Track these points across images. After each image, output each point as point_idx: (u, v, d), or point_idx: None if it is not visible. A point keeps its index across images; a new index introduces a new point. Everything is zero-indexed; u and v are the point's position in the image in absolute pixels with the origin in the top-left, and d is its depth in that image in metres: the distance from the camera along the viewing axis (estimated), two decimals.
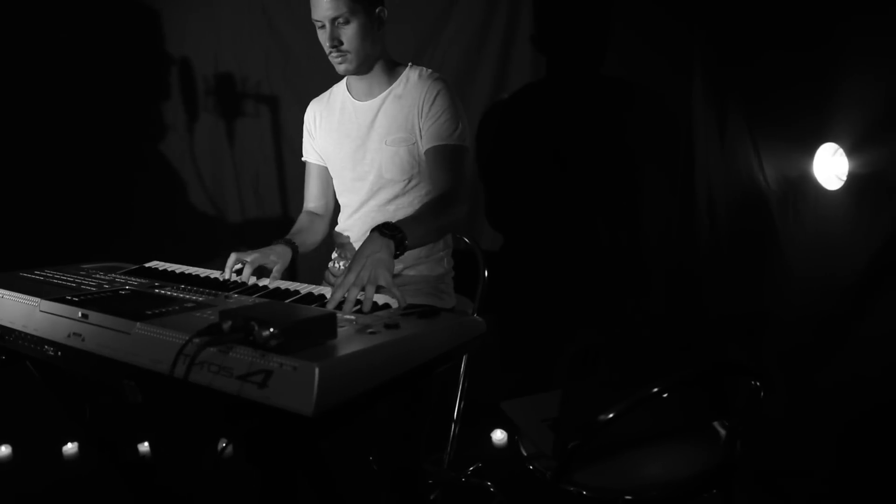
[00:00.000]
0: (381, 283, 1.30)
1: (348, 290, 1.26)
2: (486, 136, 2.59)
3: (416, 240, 1.48)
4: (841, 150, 2.17)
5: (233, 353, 0.96)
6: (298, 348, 0.94)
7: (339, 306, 1.25)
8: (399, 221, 1.47)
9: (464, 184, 1.71)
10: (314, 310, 1.05)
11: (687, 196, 2.55)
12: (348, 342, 1.00)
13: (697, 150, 2.52)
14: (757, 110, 2.37)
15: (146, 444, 2.48)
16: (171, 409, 1.30)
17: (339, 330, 1.05)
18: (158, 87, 2.55)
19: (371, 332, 1.05)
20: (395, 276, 1.79)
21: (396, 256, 1.40)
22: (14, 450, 2.52)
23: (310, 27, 2.45)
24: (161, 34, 2.52)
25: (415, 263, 1.81)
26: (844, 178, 2.13)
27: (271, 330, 0.92)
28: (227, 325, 0.97)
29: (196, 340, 0.96)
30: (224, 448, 2.32)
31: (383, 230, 1.40)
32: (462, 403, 2.08)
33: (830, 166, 2.20)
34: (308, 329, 0.96)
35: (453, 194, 1.66)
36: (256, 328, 0.94)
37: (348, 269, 1.31)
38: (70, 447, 2.52)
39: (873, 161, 2.04)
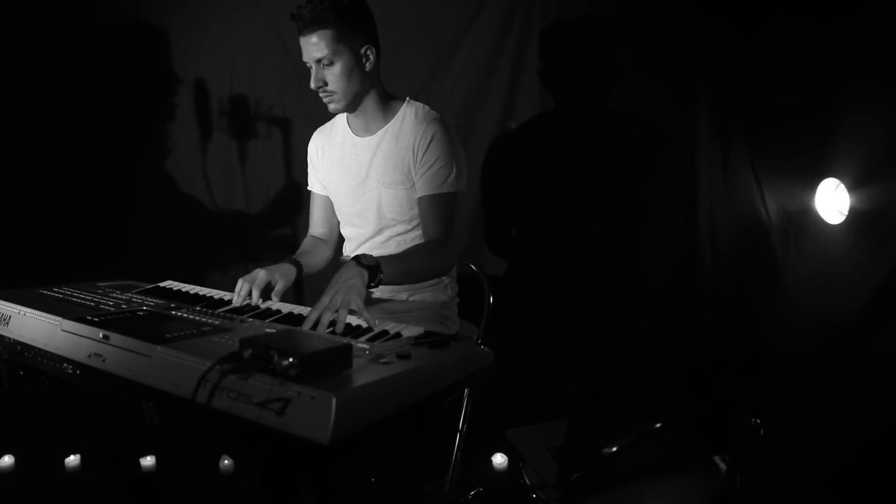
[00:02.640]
0: (353, 307, 1.38)
1: (322, 313, 1.34)
2: (492, 162, 2.63)
3: (393, 277, 1.58)
4: (842, 186, 2.20)
5: (252, 380, 0.99)
6: (316, 377, 0.97)
7: (314, 326, 1.34)
8: (381, 256, 1.56)
9: (454, 231, 1.76)
10: (331, 340, 1.09)
11: (690, 227, 2.59)
12: (363, 372, 1.04)
13: (700, 183, 2.56)
14: (759, 145, 2.42)
15: (149, 458, 2.50)
16: (185, 430, 1.33)
17: (354, 359, 1.08)
18: (174, 107, 2.60)
19: (384, 363, 1.09)
20: (401, 300, 1.84)
21: (370, 287, 1.50)
22: (17, 460, 2.54)
23: None
24: (178, 55, 2.57)
25: (419, 290, 1.84)
26: (846, 213, 2.16)
27: (290, 360, 0.96)
28: (247, 354, 1.01)
29: (218, 367, 1.00)
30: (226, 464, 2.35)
31: (360, 260, 1.50)
32: (465, 427, 2.10)
33: (832, 201, 2.24)
34: (325, 359, 1.00)
35: (443, 243, 1.72)
36: (276, 357, 0.98)
37: (324, 293, 1.40)
38: (72, 459, 2.53)
39: (875, 196, 2.08)
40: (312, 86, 1.70)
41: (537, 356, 2.63)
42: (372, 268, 1.50)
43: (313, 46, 1.64)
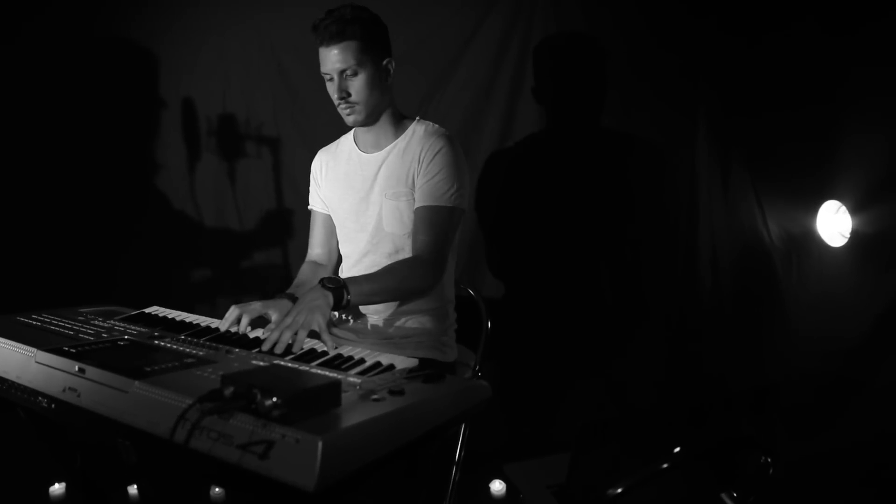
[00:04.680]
0: (314, 327, 1.39)
1: (282, 332, 1.35)
2: (489, 183, 2.59)
3: (363, 297, 1.57)
4: (844, 208, 2.17)
5: (234, 420, 0.93)
6: (301, 418, 0.91)
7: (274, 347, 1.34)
8: (349, 277, 1.56)
9: (444, 249, 1.70)
10: (318, 377, 1.03)
11: (690, 249, 2.54)
12: (352, 411, 0.97)
13: (701, 204, 2.52)
14: (760, 166, 2.38)
15: (135, 487, 2.41)
16: (164, 470, 1.27)
17: (343, 395, 1.02)
18: (168, 126, 2.56)
19: (375, 399, 1.03)
20: (398, 326, 1.78)
21: (338, 309, 1.50)
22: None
23: (318, 69, 2.49)
24: (171, 73, 2.53)
25: (416, 316, 1.78)
26: (848, 236, 2.13)
27: (274, 399, 0.90)
28: (228, 392, 0.94)
29: (198, 406, 0.94)
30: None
31: (326, 283, 1.50)
32: (462, 453, 2.04)
33: (834, 224, 2.20)
34: (312, 398, 0.94)
35: (427, 260, 1.67)
36: (259, 396, 0.91)
37: (286, 313, 1.43)
38: (57, 488, 2.45)
39: (877, 219, 2.05)
40: (335, 96, 1.68)
41: (538, 380, 2.57)
42: (337, 289, 1.48)
43: (338, 57, 1.64)
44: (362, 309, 1.81)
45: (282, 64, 2.53)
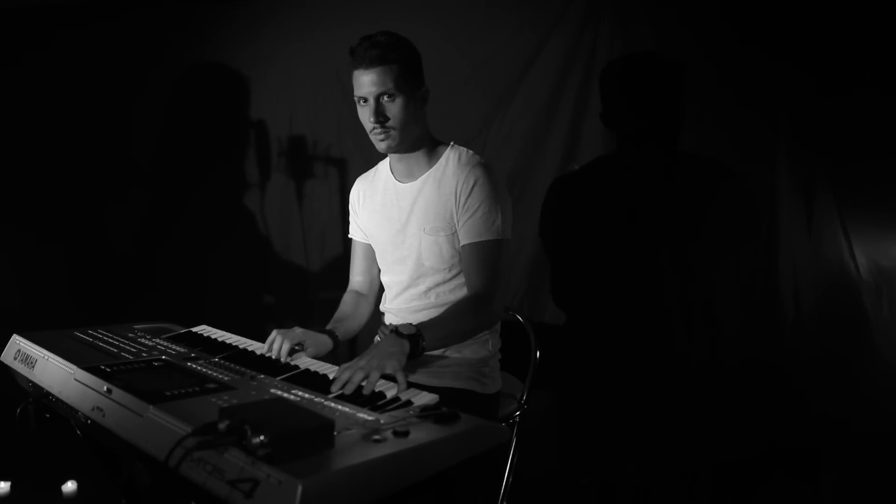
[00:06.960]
0: (388, 370, 1.34)
1: (354, 373, 1.30)
2: (553, 207, 2.51)
3: (436, 342, 1.55)
4: None
5: (227, 454, 0.92)
6: (289, 458, 0.89)
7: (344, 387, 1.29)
8: (421, 323, 1.53)
9: (497, 283, 1.67)
10: (314, 417, 1.00)
11: (769, 283, 2.34)
12: (345, 453, 0.94)
13: (782, 233, 2.32)
14: (848, 193, 2.18)
15: None
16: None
17: (345, 434, 1.00)
18: (237, 148, 2.66)
19: (376, 440, 0.99)
20: (437, 355, 1.74)
21: (413, 357, 1.46)
22: (79, 486, 2.59)
23: None
24: (241, 97, 2.63)
25: (456, 345, 1.74)
26: None
27: (261, 438, 0.89)
28: (223, 426, 0.94)
29: (192, 439, 0.94)
30: None
31: (400, 331, 1.48)
32: (510, 479, 1.96)
33: None
34: (301, 439, 0.91)
35: (486, 297, 1.64)
36: (249, 433, 0.90)
37: (360, 356, 1.39)
38: None
39: None
40: (372, 119, 1.65)
41: (596, 408, 2.45)
42: (412, 336, 1.47)
43: (376, 80, 1.61)
44: None
45: (346, 88, 2.56)
